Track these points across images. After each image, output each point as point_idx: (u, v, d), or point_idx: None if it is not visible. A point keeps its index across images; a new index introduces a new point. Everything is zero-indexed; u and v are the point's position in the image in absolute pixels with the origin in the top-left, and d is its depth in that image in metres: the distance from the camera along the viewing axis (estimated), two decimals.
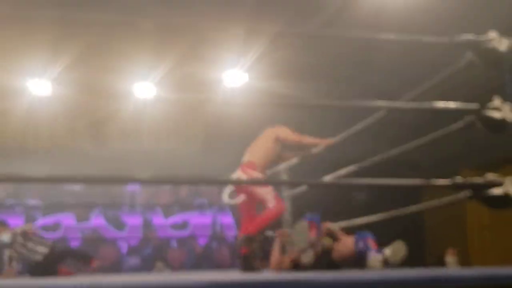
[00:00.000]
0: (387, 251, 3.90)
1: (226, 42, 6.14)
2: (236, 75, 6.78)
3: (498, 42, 2.72)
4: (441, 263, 6.62)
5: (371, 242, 4.00)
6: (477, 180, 2.35)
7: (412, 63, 5.82)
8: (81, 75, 6.61)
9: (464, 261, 6.95)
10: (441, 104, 2.73)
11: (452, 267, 6.11)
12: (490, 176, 2.34)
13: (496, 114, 2.58)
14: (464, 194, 2.60)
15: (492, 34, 2.74)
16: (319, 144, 3.99)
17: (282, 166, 4.62)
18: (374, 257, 3.88)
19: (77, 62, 6.45)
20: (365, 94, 2.92)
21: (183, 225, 8.80)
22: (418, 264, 5.90)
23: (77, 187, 8.42)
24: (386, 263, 3.86)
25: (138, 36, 6.14)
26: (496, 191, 2.17)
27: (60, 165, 7.35)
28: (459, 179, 2.39)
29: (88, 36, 6.23)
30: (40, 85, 6.38)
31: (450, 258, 6.55)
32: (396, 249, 3.88)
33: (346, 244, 4.05)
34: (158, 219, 8.73)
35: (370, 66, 6.25)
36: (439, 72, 3.13)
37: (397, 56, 5.79)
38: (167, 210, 8.76)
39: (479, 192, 2.26)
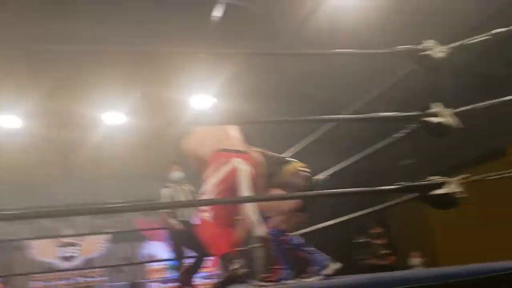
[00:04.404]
0: None
1: (192, 68, 6.07)
2: (204, 99, 6.73)
3: (435, 49, 2.71)
4: (406, 266, 6.55)
5: None
6: (423, 182, 2.30)
7: (361, 77, 5.87)
8: (51, 107, 6.42)
9: (432, 262, 6.86)
10: (384, 114, 2.69)
11: (416, 268, 6.05)
12: (434, 178, 2.29)
13: (437, 120, 2.55)
14: (412, 196, 2.54)
15: (429, 42, 2.72)
16: None
17: None
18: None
19: (47, 95, 6.27)
20: (319, 110, 2.87)
21: None
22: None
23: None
24: None
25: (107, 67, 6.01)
26: (439, 191, 2.11)
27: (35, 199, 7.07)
28: (405, 183, 2.33)
29: (57, 68, 6.08)
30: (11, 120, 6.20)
31: (415, 260, 6.48)
32: None
33: None
34: None
35: (323, 84, 6.31)
36: (384, 83, 3.11)
37: (346, 72, 5.85)
38: None
39: (424, 193, 2.20)
